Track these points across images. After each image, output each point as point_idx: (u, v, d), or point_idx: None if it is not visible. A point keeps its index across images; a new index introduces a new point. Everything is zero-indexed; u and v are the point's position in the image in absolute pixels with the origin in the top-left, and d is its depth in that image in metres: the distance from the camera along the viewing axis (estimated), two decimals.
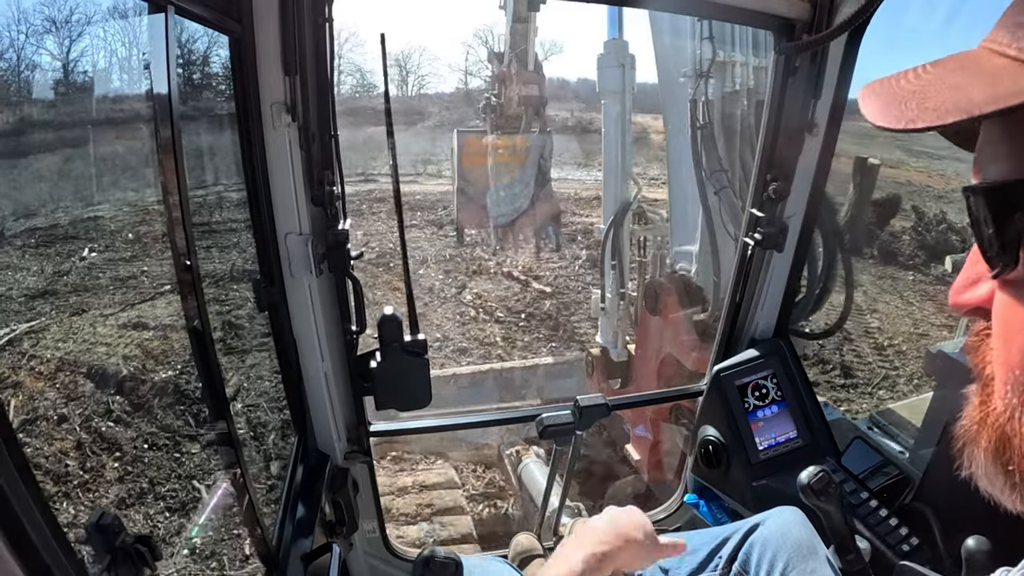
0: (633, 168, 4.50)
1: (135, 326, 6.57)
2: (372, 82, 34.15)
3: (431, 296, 10.98)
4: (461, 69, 37.52)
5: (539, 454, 4.51)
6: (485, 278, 11.88)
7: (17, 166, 8.77)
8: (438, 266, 12.62)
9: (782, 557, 1.45)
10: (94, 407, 5.22)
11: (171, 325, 6.47)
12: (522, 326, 9.95)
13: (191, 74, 9.89)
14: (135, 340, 6.29)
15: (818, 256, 2.47)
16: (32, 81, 9.85)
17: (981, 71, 0.42)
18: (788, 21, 1.80)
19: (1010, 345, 0.44)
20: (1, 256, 7.56)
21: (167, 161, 1.09)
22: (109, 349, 6.12)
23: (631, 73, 4.20)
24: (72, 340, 6.26)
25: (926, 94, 0.44)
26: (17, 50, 9.48)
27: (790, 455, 2.06)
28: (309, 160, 1.56)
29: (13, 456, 0.62)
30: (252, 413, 5.27)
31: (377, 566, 2.25)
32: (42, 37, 11.09)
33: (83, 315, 6.73)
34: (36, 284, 7.18)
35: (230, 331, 6.38)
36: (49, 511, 0.67)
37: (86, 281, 7.51)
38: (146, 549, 0.89)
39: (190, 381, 5.51)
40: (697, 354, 3.40)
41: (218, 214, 7.05)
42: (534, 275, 11.71)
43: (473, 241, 11.26)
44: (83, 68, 9.28)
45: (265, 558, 1.51)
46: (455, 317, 10.38)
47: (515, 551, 2.21)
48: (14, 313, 6.54)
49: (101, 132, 9.82)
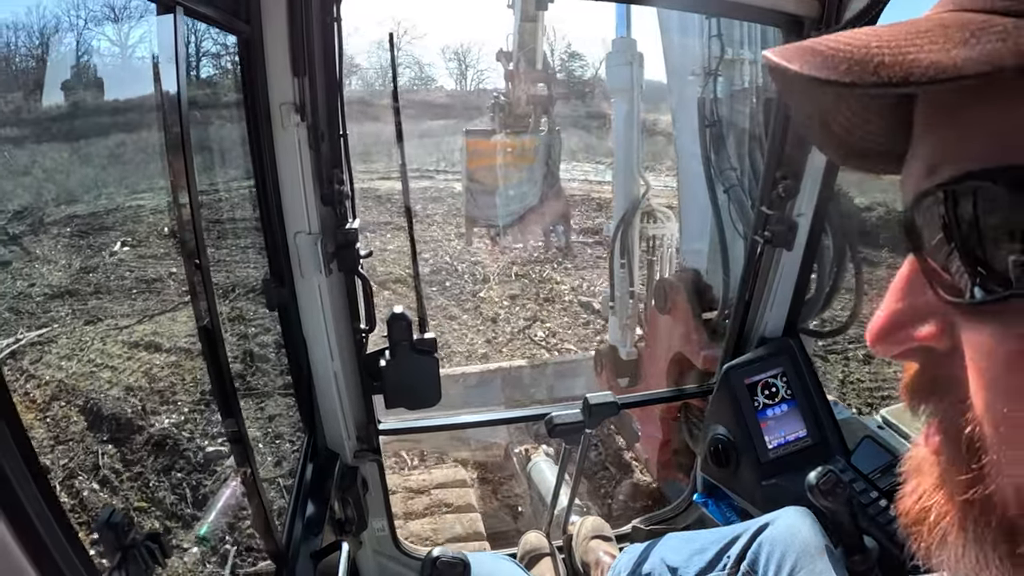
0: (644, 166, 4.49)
1: (146, 326, 6.62)
2: (431, 75, 34.16)
3: (495, 331, 8.57)
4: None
5: (548, 453, 4.51)
6: (559, 307, 9.27)
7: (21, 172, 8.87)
8: (502, 287, 10.23)
9: (791, 557, 1.45)
10: (104, 405, 5.26)
11: (182, 325, 6.51)
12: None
13: (201, 75, 9.96)
14: (146, 340, 6.34)
15: (827, 254, 2.46)
16: (42, 80, 9.97)
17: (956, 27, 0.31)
18: (796, 18, 1.79)
19: (1013, 401, 0.32)
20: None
21: (176, 162, 1.10)
22: (119, 348, 6.17)
23: (640, 71, 4.20)
24: (81, 339, 6.32)
25: (894, 50, 0.31)
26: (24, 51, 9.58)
27: (800, 454, 2.05)
28: (318, 159, 1.57)
29: (24, 454, 0.63)
30: (262, 412, 5.30)
31: (386, 564, 2.26)
32: (52, 38, 11.19)
33: (94, 315, 6.80)
34: (53, 281, 7.25)
35: (240, 330, 6.41)
36: (60, 509, 0.67)
37: (103, 280, 7.58)
38: (156, 546, 0.90)
39: (200, 379, 5.54)
40: (706, 352, 3.38)
41: (228, 214, 7.08)
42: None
43: (543, 257, 10.48)
44: (92, 69, 9.35)
45: (275, 555, 1.52)
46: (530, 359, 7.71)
47: (524, 549, 2.22)
48: (27, 315, 6.62)
49: (112, 133, 9.91)
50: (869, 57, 0.31)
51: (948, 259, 0.33)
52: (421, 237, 12.02)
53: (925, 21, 0.33)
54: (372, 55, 29.50)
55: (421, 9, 43.45)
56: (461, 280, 10.41)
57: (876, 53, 0.31)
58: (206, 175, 5.31)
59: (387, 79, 26.90)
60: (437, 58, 39.12)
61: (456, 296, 9.78)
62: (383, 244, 11.78)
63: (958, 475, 0.35)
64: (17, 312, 6.73)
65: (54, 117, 9.32)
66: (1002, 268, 0.30)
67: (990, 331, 0.32)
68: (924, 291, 0.35)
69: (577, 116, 21.86)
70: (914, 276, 0.36)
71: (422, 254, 11.08)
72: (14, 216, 8.52)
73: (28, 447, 0.64)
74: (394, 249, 11.40)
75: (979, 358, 0.33)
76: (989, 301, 0.31)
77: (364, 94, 28.11)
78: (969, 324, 0.33)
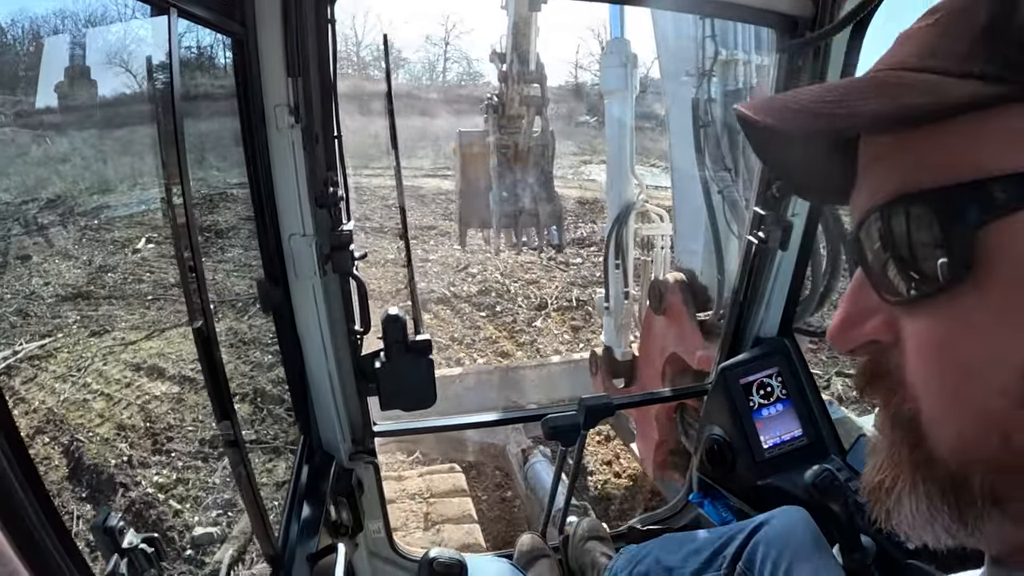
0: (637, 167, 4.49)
1: (141, 328, 6.60)
2: (479, 70, 34.03)
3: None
4: (571, 62, 36.27)
5: (545, 454, 4.51)
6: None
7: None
8: (561, 315, 8.58)
9: (787, 556, 1.45)
10: (99, 407, 5.25)
11: (176, 327, 6.49)
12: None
13: (195, 76, 9.93)
14: (140, 342, 6.32)
15: (821, 253, 2.47)
16: (35, 80, 9.94)
17: (892, 85, 0.41)
18: (790, 18, 1.79)
19: (945, 375, 0.40)
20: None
21: (170, 163, 1.09)
22: (113, 350, 6.15)
23: (634, 72, 4.21)
24: (76, 343, 6.30)
25: (833, 107, 0.41)
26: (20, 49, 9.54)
27: (795, 453, 2.06)
28: (313, 161, 1.57)
29: (17, 456, 0.63)
30: (257, 414, 5.29)
31: (382, 567, 2.25)
32: (45, 35, 11.16)
33: (89, 315, 6.77)
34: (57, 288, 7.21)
35: (235, 332, 6.40)
36: (55, 512, 0.67)
37: (97, 279, 7.55)
38: (152, 549, 0.89)
39: (195, 382, 5.53)
40: (702, 353, 3.39)
41: (222, 215, 7.06)
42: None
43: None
44: (88, 70, 9.32)
45: (270, 558, 1.52)
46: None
47: (520, 551, 2.21)
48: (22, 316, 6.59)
49: (106, 133, 9.88)
50: (819, 110, 0.42)
51: (886, 266, 0.41)
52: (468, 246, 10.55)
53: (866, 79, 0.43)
54: (419, 50, 29.28)
55: (474, 5, 42.94)
56: (514, 305, 8.95)
57: (824, 107, 0.41)
58: (200, 177, 5.30)
59: (435, 73, 26.52)
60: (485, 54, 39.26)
61: (508, 325, 8.38)
62: (425, 253, 11.00)
63: (903, 445, 0.43)
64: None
65: (43, 116, 9.29)
66: (930, 270, 0.38)
67: (925, 321, 0.40)
68: (870, 295, 0.44)
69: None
70: (862, 284, 0.44)
71: (469, 267, 10.26)
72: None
73: (22, 449, 0.63)
74: (436, 260, 10.56)
75: (916, 344, 0.41)
76: (921, 296, 0.39)
77: (411, 88, 27.89)
78: (908, 318, 0.41)
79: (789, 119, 0.42)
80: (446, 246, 11.20)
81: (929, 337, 0.40)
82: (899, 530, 0.44)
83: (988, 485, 0.39)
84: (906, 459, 0.43)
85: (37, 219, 8.47)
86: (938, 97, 0.37)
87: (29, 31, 12.52)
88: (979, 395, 0.38)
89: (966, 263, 0.37)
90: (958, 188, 0.37)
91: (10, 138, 9.12)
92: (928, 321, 0.40)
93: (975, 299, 0.37)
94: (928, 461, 0.41)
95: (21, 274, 7.38)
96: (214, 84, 9.19)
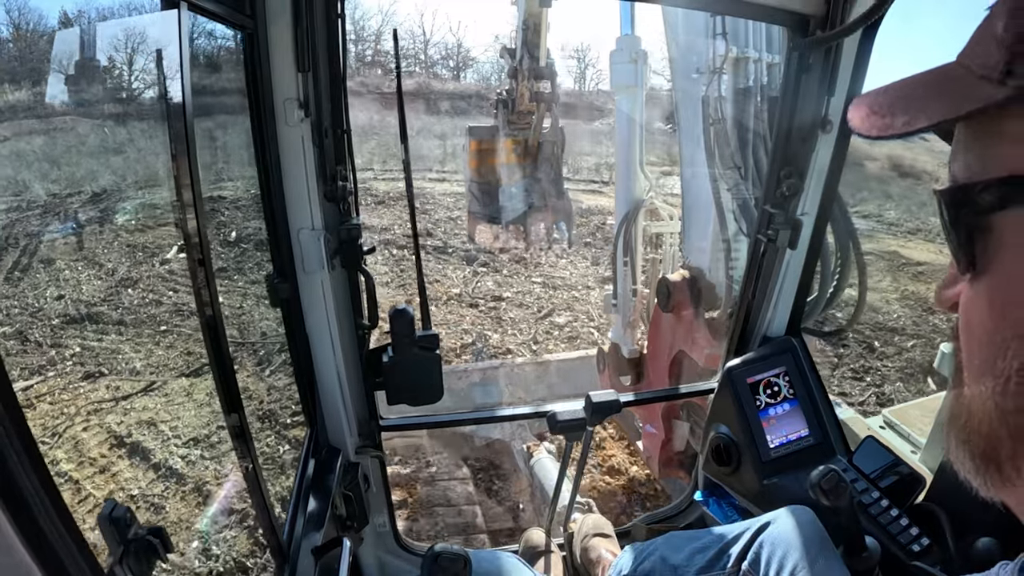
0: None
1: (150, 319, 6.64)
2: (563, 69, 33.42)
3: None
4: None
5: (550, 450, 4.51)
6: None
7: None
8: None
9: (792, 556, 1.45)
10: (107, 398, 5.28)
11: (185, 320, 6.53)
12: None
13: (205, 70, 9.97)
14: (150, 332, 6.35)
15: (830, 252, 2.45)
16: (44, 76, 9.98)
17: (947, 81, 0.48)
18: (802, 17, 1.78)
19: (969, 339, 0.49)
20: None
21: (180, 156, 1.10)
22: (119, 343, 6.18)
23: (644, 69, 4.19)
24: (81, 328, 6.33)
25: (907, 104, 0.49)
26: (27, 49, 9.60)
27: (801, 453, 2.05)
28: (322, 156, 1.57)
29: (25, 447, 0.63)
30: (265, 407, 5.31)
31: (388, 560, 2.26)
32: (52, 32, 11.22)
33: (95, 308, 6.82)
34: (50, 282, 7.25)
35: (243, 326, 6.43)
36: (62, 503, 0.67)
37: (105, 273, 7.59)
38: (158, 541, 0.90)
39: (203, 374, 5.56)
40: (709, 351, 3.38)
41: (232, 210, 7.08)
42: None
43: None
44: (96, 63, 9.37)
45: (276, 551, 1.53)
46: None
47: (525, 546, 2.22)
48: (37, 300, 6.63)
49: (118, 128, 9.93)
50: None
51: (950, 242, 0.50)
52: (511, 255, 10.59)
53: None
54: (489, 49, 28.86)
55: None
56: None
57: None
58: (210, 170, 5.31)
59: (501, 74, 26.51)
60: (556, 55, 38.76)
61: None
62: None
63: (954, 401, 0.52)
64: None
65: (53, 111, 9.34)
66: (968, 253, 0.47)
67: (971, 292, 0.49)
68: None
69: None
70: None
71: (508, 276, 9.84)
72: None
73: (29, 439, 0.64)
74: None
75: (963, 311, 0.51)
76: (970, 275, 0.48)
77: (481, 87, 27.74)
78: (967, 288, 0.50)
79: (881, 123, 0.52)
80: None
81: (969, 306, 0.49)
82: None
83: (1009, 450, 0.46)
84: (950, 403, 0.52)
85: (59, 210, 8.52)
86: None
87: (37, 26, 12.59)
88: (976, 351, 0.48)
89: (985, 250, 0.46)
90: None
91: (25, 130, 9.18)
92: (972, 294, 0.49)
93: (992, 279, 0.46)
94: (966, 418, 0.49)
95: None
96: (224, 78, 9.22)
